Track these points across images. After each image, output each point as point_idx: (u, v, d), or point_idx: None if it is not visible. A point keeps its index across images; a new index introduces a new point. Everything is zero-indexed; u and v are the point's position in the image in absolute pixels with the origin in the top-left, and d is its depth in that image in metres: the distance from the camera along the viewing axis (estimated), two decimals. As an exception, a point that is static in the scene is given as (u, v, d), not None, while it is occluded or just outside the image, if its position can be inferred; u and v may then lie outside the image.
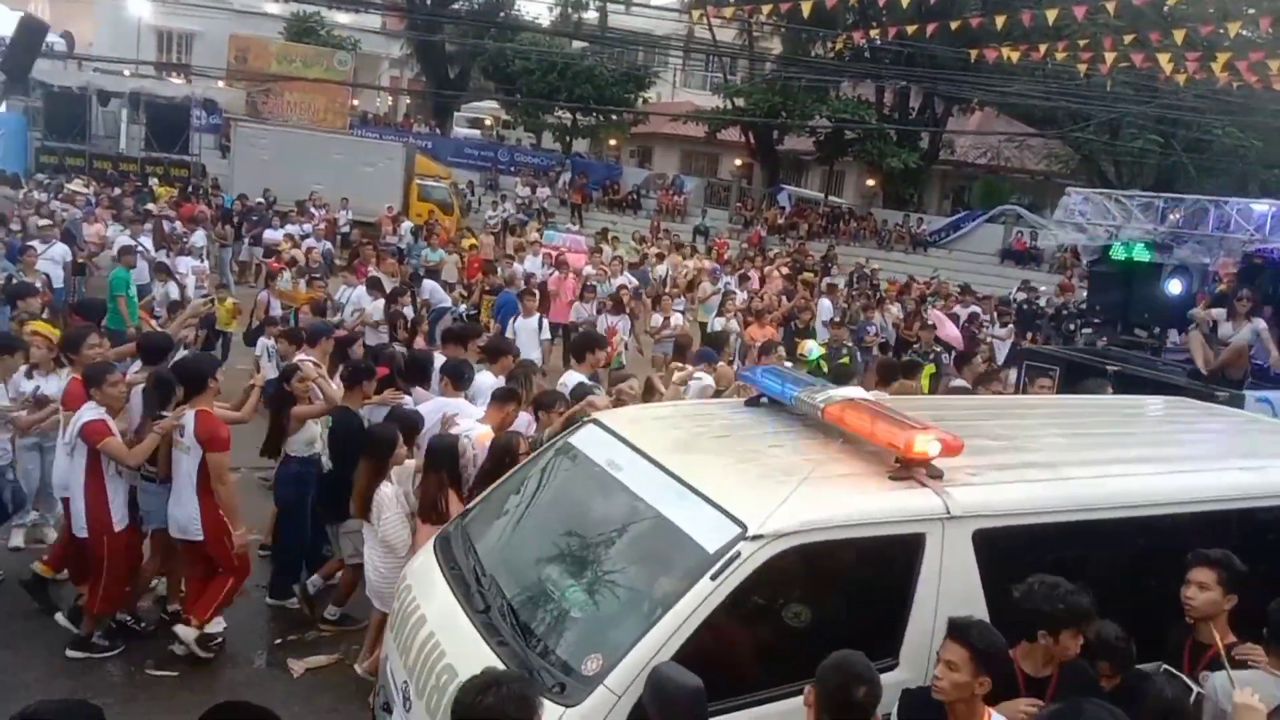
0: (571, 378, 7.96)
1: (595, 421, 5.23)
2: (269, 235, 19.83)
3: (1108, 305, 12.29)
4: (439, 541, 5.12)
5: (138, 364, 7.29)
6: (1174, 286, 11.67)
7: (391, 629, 4.90)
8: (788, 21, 30.21)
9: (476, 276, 16.99)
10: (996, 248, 33.43)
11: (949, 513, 4.16)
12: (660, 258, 22.11)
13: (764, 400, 5.29)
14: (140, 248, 14.57)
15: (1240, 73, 17.26)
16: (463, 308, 14.83)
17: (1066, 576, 4.08)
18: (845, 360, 11.65)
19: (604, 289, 15.80)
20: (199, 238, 17.05)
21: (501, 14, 41.58)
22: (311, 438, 7.25)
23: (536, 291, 13.22)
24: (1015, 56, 19.24)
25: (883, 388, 8.23)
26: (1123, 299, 11.96)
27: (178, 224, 18.58)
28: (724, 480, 4.27)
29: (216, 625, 6.41)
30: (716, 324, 14.09)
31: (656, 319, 14.47)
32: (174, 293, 12.73)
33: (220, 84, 36.95)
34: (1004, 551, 4.28)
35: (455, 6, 40.86)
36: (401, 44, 44.80)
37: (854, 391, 4.91)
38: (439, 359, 8.20)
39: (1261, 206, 10.67)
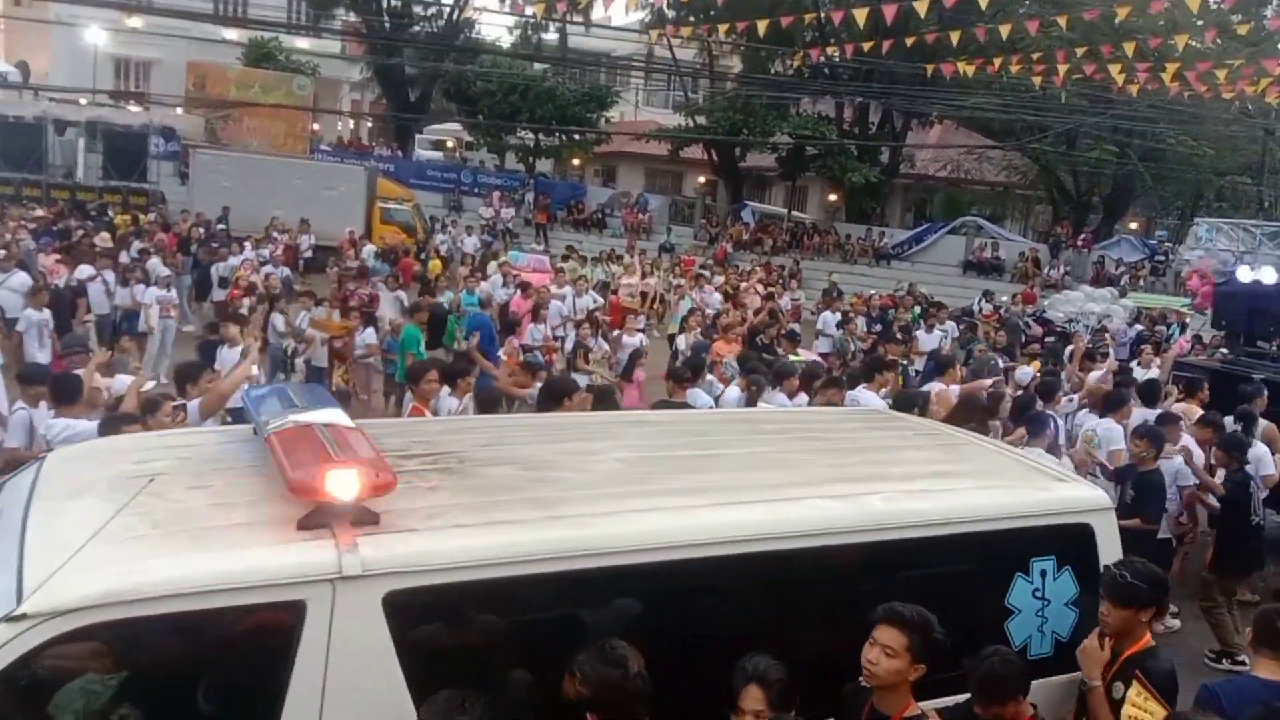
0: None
1: (54, 452, 4.35)
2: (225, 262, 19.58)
3: (1233, 320, 13.80)
4: None
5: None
6: None
7: None
8: (747, 40, 30.48)
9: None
10: (958, 259, 33.71)
11: (342, 572, 3.18)
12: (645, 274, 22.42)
13: None
14: (102, 280, 14.75)
15: (1190, 82, 17.56)
16: None
17: (532, 642, 3.53)
18: None
19: (564, 306, 15.84)
20: (156, 265, 16.84)
21: (461, 36, 41.59)
22: None
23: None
24: (971, 71, 19.46)
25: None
26: (1248, 315, 13.24)
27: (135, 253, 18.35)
28: (64, 536, 3.23)
29: None
30: (680, 341, 14.09)
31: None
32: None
33: (179, 111, 36.71)
34: (442, 620, 3.45)
35: (414, 30, 40.83)
36: (361, 67, 44.66)
37: (327, 415, 3.85)
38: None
39: None
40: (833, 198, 39.65)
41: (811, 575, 4.05)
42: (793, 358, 11.61)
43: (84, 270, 15.06)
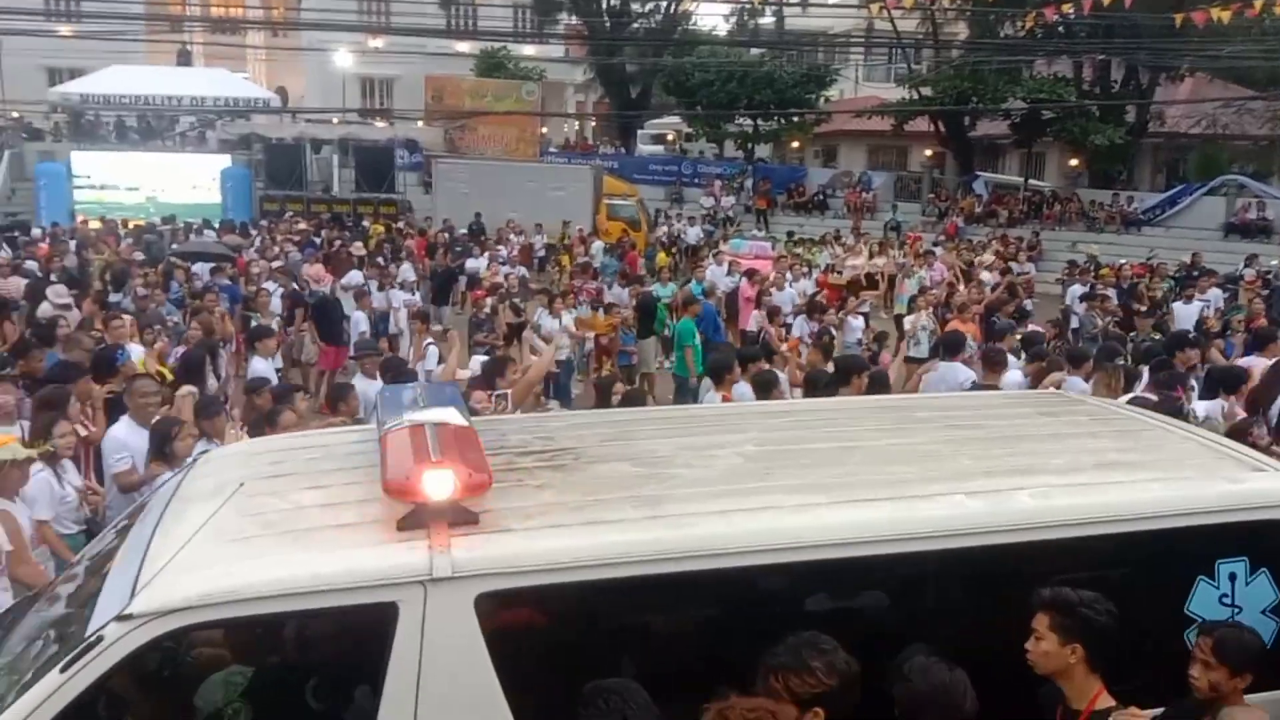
0: None
1: (205, 454, 4.57)
2: (471, 264, 20.73)
3: None
4: None
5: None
6: None
7: None
8: (973, 4, 29.28)
9: None
10: (1219, 221, 31.06)
11: (433, 574, 3.15)
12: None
13: None
14: (368, 286, 15.96)
15: None
16: None
17: (627, 645, 3.38)
18: None
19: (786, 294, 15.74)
20: (407, 271, 18.04)
21: (679, 29, 42.00)
22: None
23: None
24: (1227, 16, 17.87)
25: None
26: None
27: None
28: (180, 537, 3.35)
29: None
30: (908, 321, 13.69)
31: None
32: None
33: (419, 124, 39.02)
34: (536, 622, 3.38)
35: (634, 27, 41.59)
36: (584, 69, 45.93)
37: (441, 415, 3.81)
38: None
39: None
40: (1073, 163, 37.38)
41: (946, 580, 3.72)
42: None
43: (355, 276, 16.39)
